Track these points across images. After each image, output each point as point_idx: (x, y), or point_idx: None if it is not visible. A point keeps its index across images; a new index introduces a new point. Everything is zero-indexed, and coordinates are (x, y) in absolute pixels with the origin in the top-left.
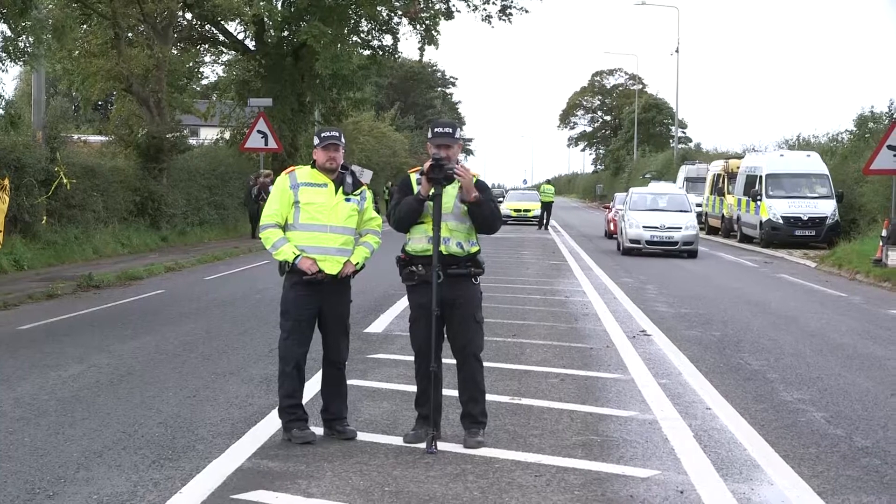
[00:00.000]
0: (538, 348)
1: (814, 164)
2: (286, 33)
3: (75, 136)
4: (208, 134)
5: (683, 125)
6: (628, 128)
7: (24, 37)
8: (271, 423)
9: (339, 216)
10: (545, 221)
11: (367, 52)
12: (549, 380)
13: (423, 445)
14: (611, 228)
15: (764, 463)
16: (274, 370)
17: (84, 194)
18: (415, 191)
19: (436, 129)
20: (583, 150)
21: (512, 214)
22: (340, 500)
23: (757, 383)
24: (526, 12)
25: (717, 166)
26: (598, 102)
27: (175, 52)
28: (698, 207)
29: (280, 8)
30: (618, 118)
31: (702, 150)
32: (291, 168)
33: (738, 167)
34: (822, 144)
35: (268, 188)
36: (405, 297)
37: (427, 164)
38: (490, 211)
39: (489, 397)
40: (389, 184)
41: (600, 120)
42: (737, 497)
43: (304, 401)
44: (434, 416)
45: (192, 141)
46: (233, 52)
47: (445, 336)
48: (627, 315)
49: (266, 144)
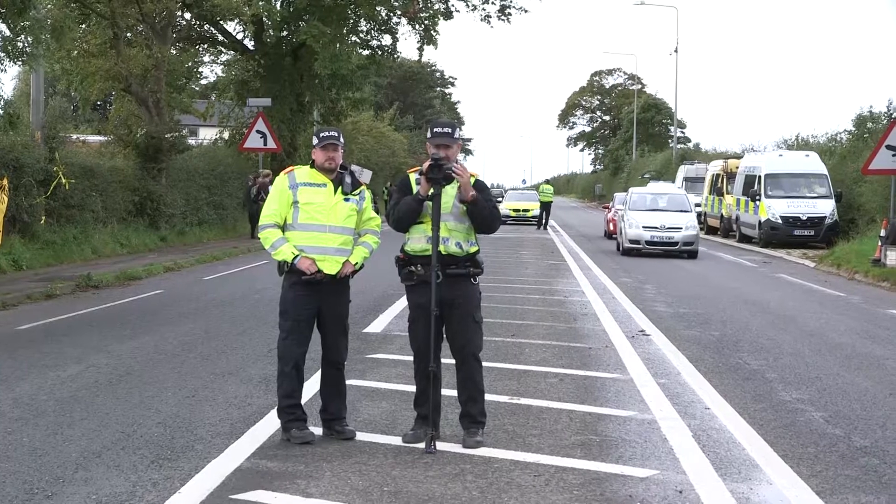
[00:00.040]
0: (537, 348)
1: (813, 164)
2: (285, 33)
3: (74, 136)
4: (207, 134)
5: (682, 125)
6: (627, 128)
7: (23, 37)
8: (270, 423)
9: (338, 216)
10: (544, 221)
11: (366, 52)
12: (548, 380)
13: (422, 445)
14: (610, 228)
15: (763, 462)
16: (273, 370)
17: (83, 194)
18: (414, 191)
19: (435, 129)
20: (582, 150)
21: (511, 214)
22: (339, 500)
23: (756, 383)
24: (525, 12)
25: (716, 166)
26: (598, 102)
27: (174, 52)
28: (697, 207)
29: (279, 8)
30: (617, 118)
31: (701, 150)
32: (290, 168)
33: (737, 167)
34: (821, 144)
35: (267, 188)
36: (404, 297)
37: (426, 164)
38: (488, 211)
39: (488, 397)
40: (388, 184)
41: (599, 120)
42: (735, 496)
43: (303, 401)
44: (433, 416)
45: (191, 141)
46: (232, 52)
47: (444, 336)
48: (626, 315)
49: (265, 144)
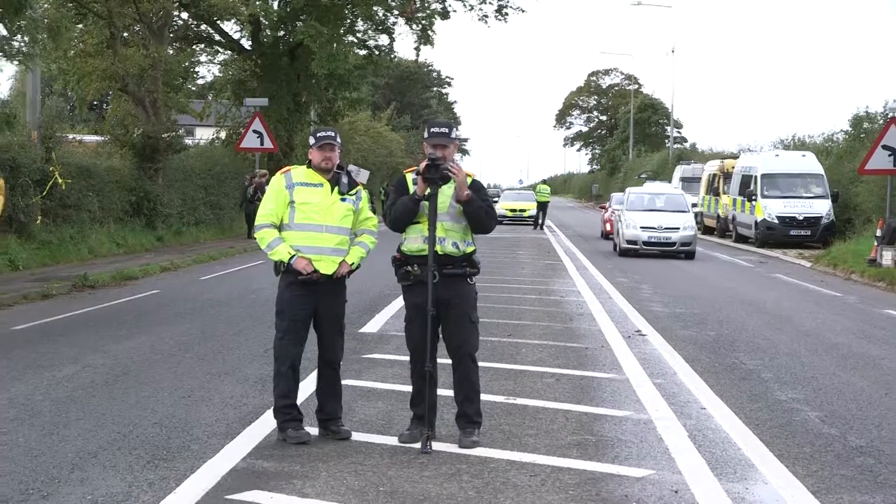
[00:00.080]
0: (533, 348)
1: (809, 164)
2: (282, 33)
3: (70, 136)
4: (204, 134)
5: (679, 125)
6: (624, 128)
7: (20, 36)
8: (266, 424)
9: (335, 216)
10: (541, 221)
11: (364, 52)
12: (545, 380)
13: (418, 445)
14: (607, 229)
15: (758, 462)
16: (269, 370)
17: (79, 194)
18: (411, 190)
19: (432, 129)
20: (579, 150)
21: (507, 214)
22: (335, 501)
23: (752, 383)
24: (522, 12)
25: (713, 166)
26: (594, 102)
27: (171, 52)
28: (694, 207)
29: (276, 7)
30: (614, 118)
31: (697, 150)
32: (287, 168)
33: (734, 167)
34: (818, 144)
35: (264, 188)
36: (400, 297)
37: (423, 164)
38: (484, 210)
39: (484, 397)
40: (385, 184)
41: (596, 120)
42: (731, 496)
43: (299, 401)
44: (429, 416)
45: (188, 141)
46: (229, 52)
47: (441, 336)
48: (623, 315)
49: (262, 144)
